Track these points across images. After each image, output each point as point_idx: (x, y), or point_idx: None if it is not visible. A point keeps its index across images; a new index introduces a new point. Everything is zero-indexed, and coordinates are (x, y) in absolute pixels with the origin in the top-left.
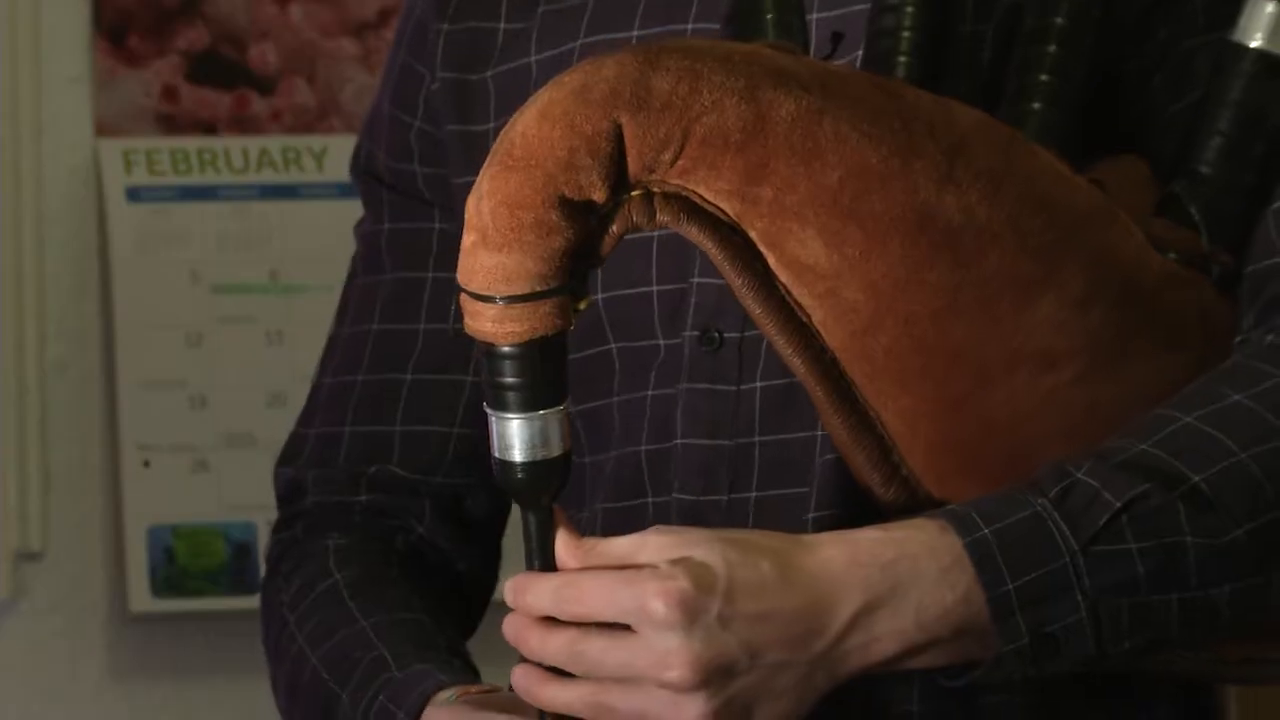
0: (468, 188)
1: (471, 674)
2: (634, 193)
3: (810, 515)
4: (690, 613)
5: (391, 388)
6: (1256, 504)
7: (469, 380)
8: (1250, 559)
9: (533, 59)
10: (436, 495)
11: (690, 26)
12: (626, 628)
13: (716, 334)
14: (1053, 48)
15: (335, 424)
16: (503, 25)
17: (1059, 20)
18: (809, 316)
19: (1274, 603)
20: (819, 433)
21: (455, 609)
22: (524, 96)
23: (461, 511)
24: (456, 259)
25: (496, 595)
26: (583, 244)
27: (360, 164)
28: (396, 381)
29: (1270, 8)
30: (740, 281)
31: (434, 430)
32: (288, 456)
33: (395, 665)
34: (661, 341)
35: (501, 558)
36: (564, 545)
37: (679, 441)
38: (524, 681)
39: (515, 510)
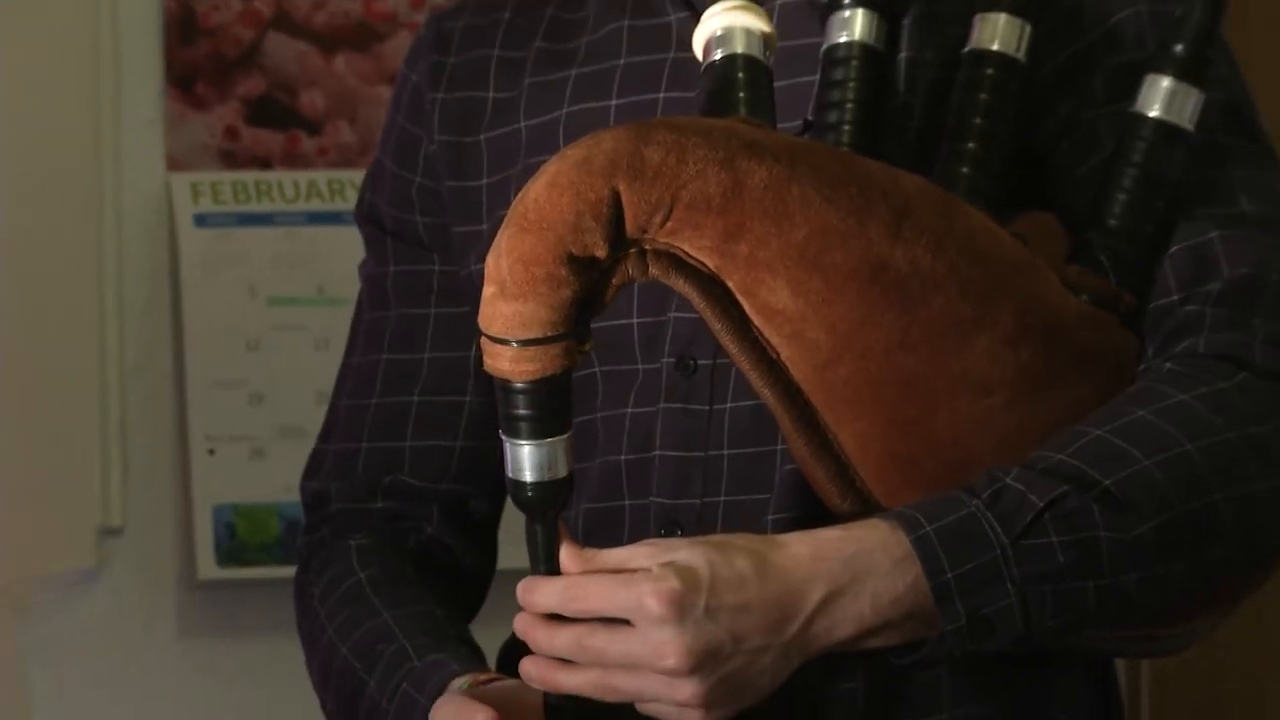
0: (464, 235)
1: (479, 659)
2: (630, 250)
3: (770, 517)
4: (681, 608)
5: (401, 409)
6: (1159, 504)
7: (468, 401)
8: (1154, 551)
9: (522, 124)
10: (443, 501)
11: (661, 95)
12: (625, 623)
13: (691, 361)
14: (978, 119)
15: (353, 441)
16: (491, 94)
17: (983, 96)
18: (778, 354)
19: (1173, 589)
20: (779, 447)
21: (461, 598)
22: (515, 157)
23: (465, 514)
24: (454, 296)
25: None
26: (587, 294)
27: (364, 211)
28: (405, 404)
29: (1165, 83)
30: (720, 326)
31: (440, 445)
32: (311, 471)
33: (415, 656)
34: (641, 366)
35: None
36: (567, 553)
37: (658, 453)
38: (534, 670)
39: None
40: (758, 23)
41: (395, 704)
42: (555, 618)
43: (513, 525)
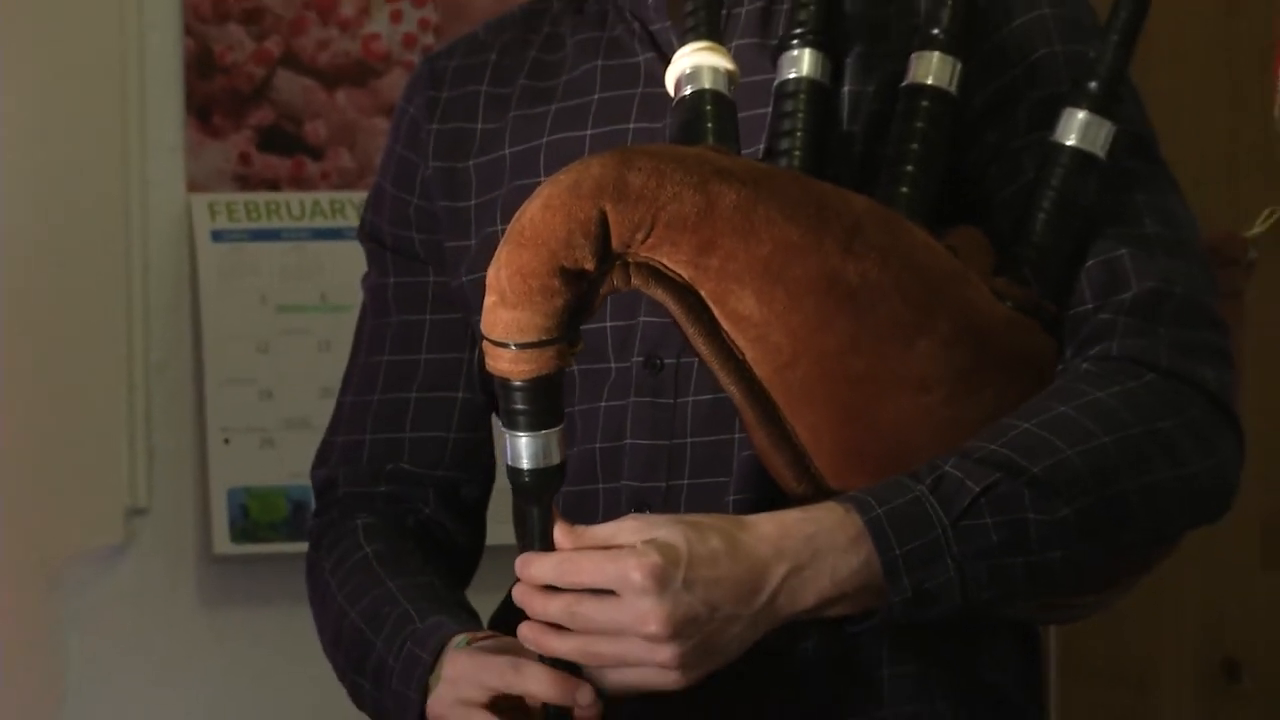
0: (455, 250)
1: (474, 620)
2: (615, 263)
3: (730, 498)
4: (661, 580)
5: (401, 404)
6: (1079, 490)
7: (461, 397)
8: (1075, 531)
9: (507, 152)
10: (439, 485)
11: (631, 126)
12: (612, 593)
13: (658, 360)
14: (915, 146)
15: (358, 433)
16: (480, 126)
17: (920, 125)
18: (743, 355)
19: (1090, 564)
20: (738, 435)
21: (455, 570)
22: (500, 181)
23: (458, 497)
24: (448, 304)
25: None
26: (578, 303)
27: (366, 230)
28: (405, 399)
29: (1081, 115)
30: (693, 330)
31: (436, 436)
32: (321, 460)
33: (418, 618)
34: (613, 365)
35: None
36: (560, 531)
37: (629, 441)
38: (530, 634)
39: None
40: (723, 62)
41: (400, 660)
42: (549, 589)
43: (497, 506)
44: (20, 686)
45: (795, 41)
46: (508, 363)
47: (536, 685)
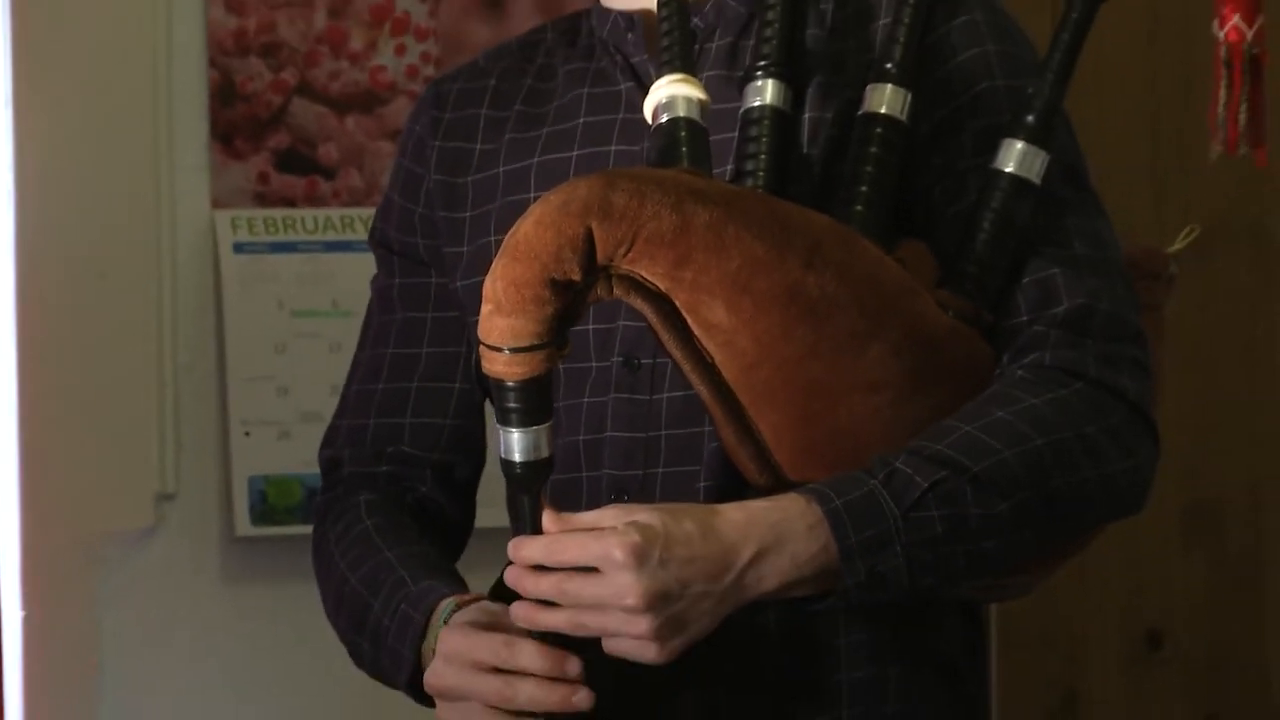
0: (452, 255)
1: (463, 586)
2: (600, 274)
3: (700, 485)
4: (640, 558)
5: (403, 393)
6: (1014, 487)
7: (458, 387)
8: (1009, 524)
9: (500, 170)
10: (435, 467)
11: (613, 148)
12: (596, 571)
13: (636, 360)
14: (870, 168)
15: (363, 418)
16: (478, 146)
17: (873, 149)
18: (713, 358)
19: (1022, 553)
20: (706, 429)
21: (448, 543)
22: (494, 196)
23: (451, 478)
24: (450, 303)
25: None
26: (566, 311)
27: (376, 236)
28: (406, 389)
29: (1019, 145)
30: (668, 336)
31: (433, 422)
32: (327, 442)
33: (411, 583)
34: (594, 364)
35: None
36: (548, 517)
37: (609, 434)
38: (523, 612)
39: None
40: (695, 92)
41: (395, 620)
42: (539, 569)
43: (486, 492)
44: (58, 656)
45: (759, 73)
46: (502, 365)
47: (528, 660)
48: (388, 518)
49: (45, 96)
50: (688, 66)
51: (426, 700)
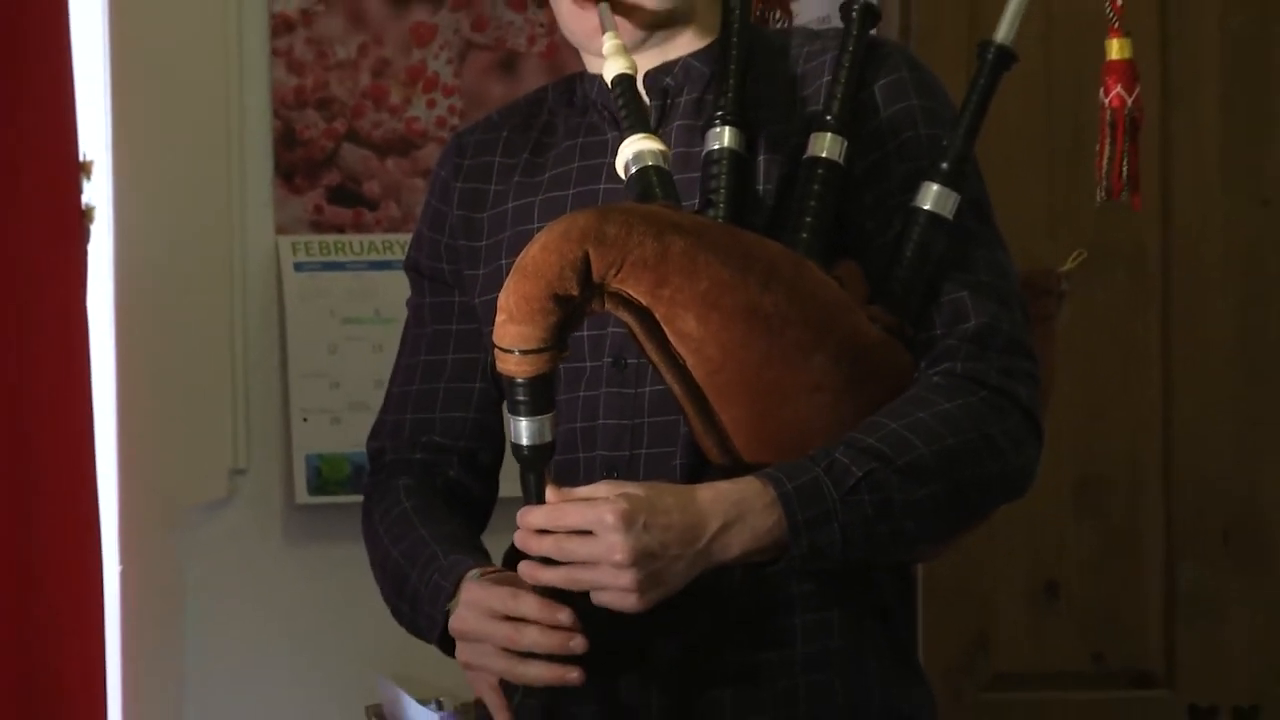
0: (470, 277)
1: (487, 559)
2: (595, 291)
3: (676, 462)
4: (628, 522)
5: (433, 392)
6: (930, 477)
7: (478, 387)
8: (927, 508)
9: (510, 206)
10: (461, 453)
11: (601, 187)
12: (589, 534)
13: (624, 360)
14: (813, 203)
15: (401, 414)
16: (493, 186)
17: (816, 187)
18: (685, 362)
19: (935, 530)
20: (680, 417)
21: (474, 519)
22: (504, 227)
23: (477, 462)
24: (471, 317)
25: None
26: (566, 320)
27: (409, 263)
28: (436, 389)
29: (935, 188)
30: (648, 343)
31: (459, 416)
32: (373, 435)
33: (442, 557)
34: (588, 364)
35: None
36: (551, 490)
37: (600, 421)
38: (527, 569)
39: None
40: (655, 144)
41: (429, 589)
42: (543, 532)
43: (508, 469)
44: (149, 604)
45: (717, 121)
46: (513, 365)
47: (529, 608)
48: (423, 500)
49: (140, 144)
50: (645, 127)
51: (454, 653)
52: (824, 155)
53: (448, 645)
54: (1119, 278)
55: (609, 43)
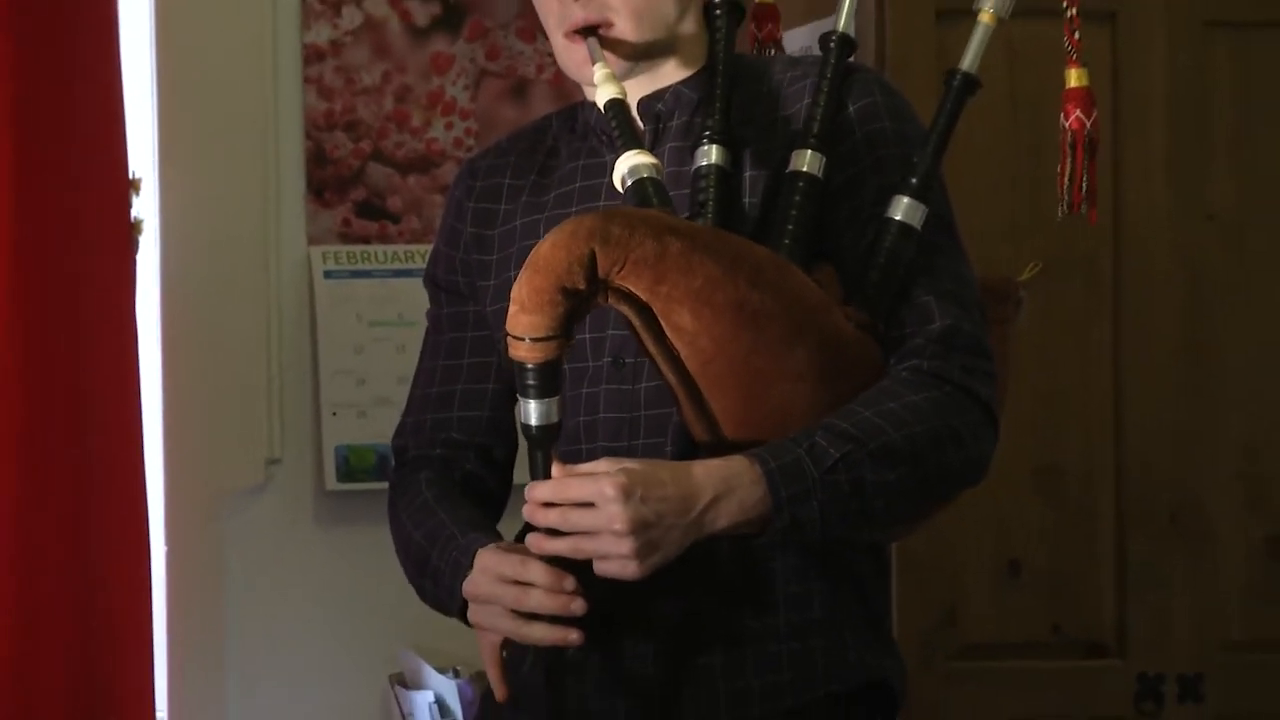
0: (482, 288)
1: (499, 538)
2: (599, 285)
3: (667, 449)
4: (626, 493)
5: (450, 394)
6: (899, 461)
7: (492, 388)
8: (896, 489)
9: (518, 223)
10: (477, 448)
11: (601, 203)
12: (591, 505)
13: (622, 360)
14: (795, 212)
15: (422, 415)
16: (502, 206)
17: (797, 198)
18: (679, 354)
19: (902, 511)
20: (672, 410)
21: (489, 507)
22: (513, 242)
23: (491, 457)
24: (484, 324)
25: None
26: (573, 311)
27: (428, 278)
28: (453, 390)
29: (905, 201)
30: (646, 335)
31: (475, 414)
32: (397, 434)
33: (460, 537)
34: (590, 363)
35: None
36: (556, 467)
37: (601, 415)
38: (534, 540)
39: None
40: (649, 159)
41: (449, 566)
42: (549, 506)
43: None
44: (192, 582)
45: (705, 140)
46: (525, 351)
47: (535, 574)
48: (442, 489)
49: (184, 163)
50: (639, 144)
51: (469, 623)
52: (805, 170)
53: (465, 616)
54: (1075, 286)
55: (599, 72)
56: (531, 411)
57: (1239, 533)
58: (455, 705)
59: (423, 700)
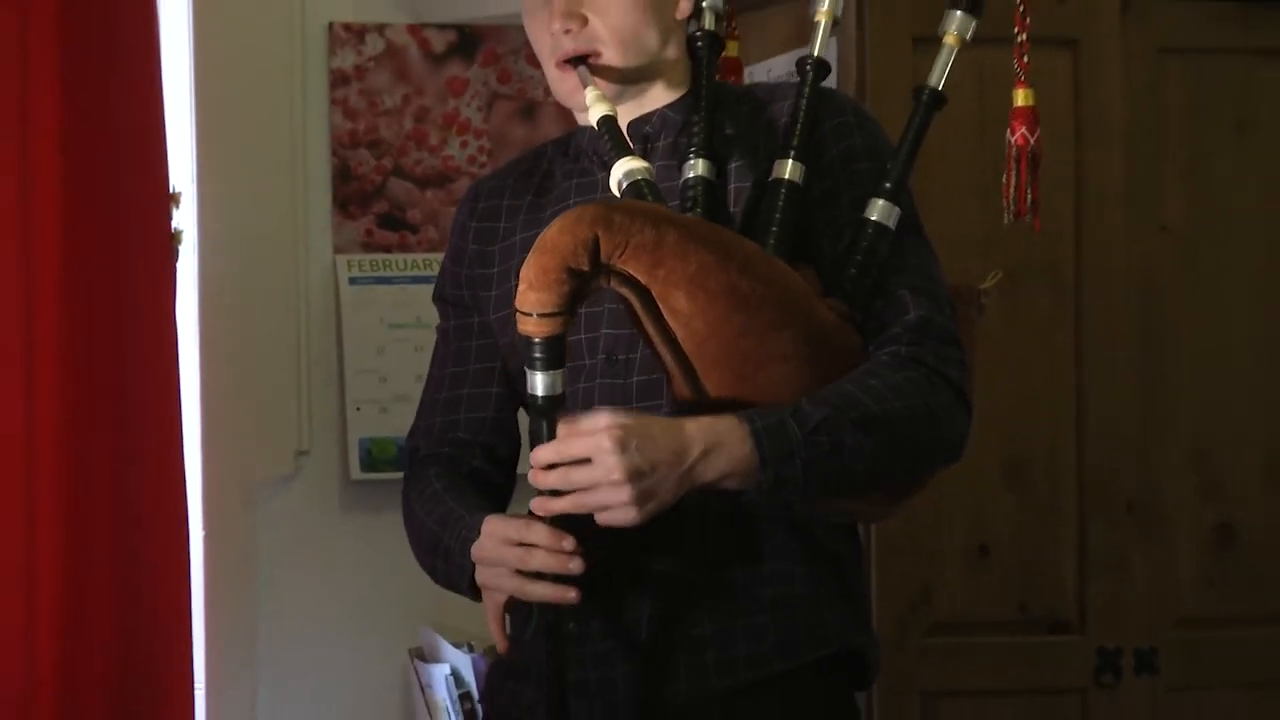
0: (484, 299)
1: None
2: (602, 268)
3: None
4: (622, 445)
5: (458, 398)
6: (876, 429)
7: (496, 391)
8: (872, 454)
9: (517, 238)
10: (483, 447)
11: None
12: (588, 463)
13: (615, 357)
14: (778, 215)
15: (431, 418)
16: (502, 224)
17: (780, 203)
18: (675, 335)
19: (879, 478)
20: (661, 403)
21: (494, 500)
22: (512, 257)
23: (496, 454)
24: (487, 333)
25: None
26: (577, 291)
27: (437, 294)
28: (459, 394)
29: (880, 203)
30: (645, 317)
31: (480, 416)
32: (410, 435)
33: (468, 516)
34: (585, 361)
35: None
36: (560, 426)
37: (596, 407)
38: (538, 503)
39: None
40: (643, 164)
41: (459, 542)
42: (551, 469)
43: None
44: (228, 565)
45: (692, 154)
46: (532, 326)
47: (537, 536)
48: (451, 481)
49: (220, 178)
50: (630, 153)
51: (479, 598)
52: (787, 178)
53: (478, 593)
54: (1040, 293)
55: (590, 94)
56: (538, 382)
57: (1191, 520)
58: (469, 677)
59: (440, 672)
